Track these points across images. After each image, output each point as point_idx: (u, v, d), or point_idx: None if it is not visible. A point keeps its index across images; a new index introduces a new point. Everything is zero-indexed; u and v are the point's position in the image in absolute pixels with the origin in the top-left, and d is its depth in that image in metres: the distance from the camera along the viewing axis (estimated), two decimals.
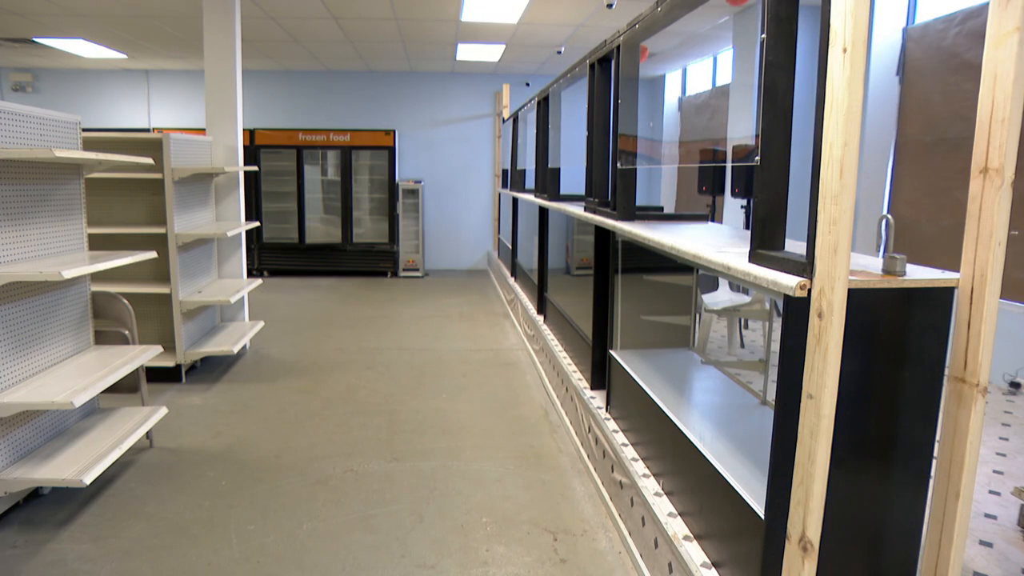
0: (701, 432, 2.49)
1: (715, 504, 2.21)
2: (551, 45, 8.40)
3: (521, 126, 7.73)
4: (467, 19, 7.08)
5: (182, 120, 10.70)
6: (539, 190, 5.86)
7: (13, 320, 3.08)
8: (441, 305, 8.18)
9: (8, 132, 3.01)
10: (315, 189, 10.21)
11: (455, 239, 11.12)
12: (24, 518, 3.12)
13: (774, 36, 1.70)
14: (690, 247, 2.28)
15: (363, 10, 6.86)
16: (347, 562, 2.80)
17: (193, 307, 5.11)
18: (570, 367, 4.33)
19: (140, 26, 7.53)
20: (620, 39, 3.22)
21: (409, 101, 10.82)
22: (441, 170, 10.95)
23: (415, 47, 8.70)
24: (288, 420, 4.35)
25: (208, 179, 5.63)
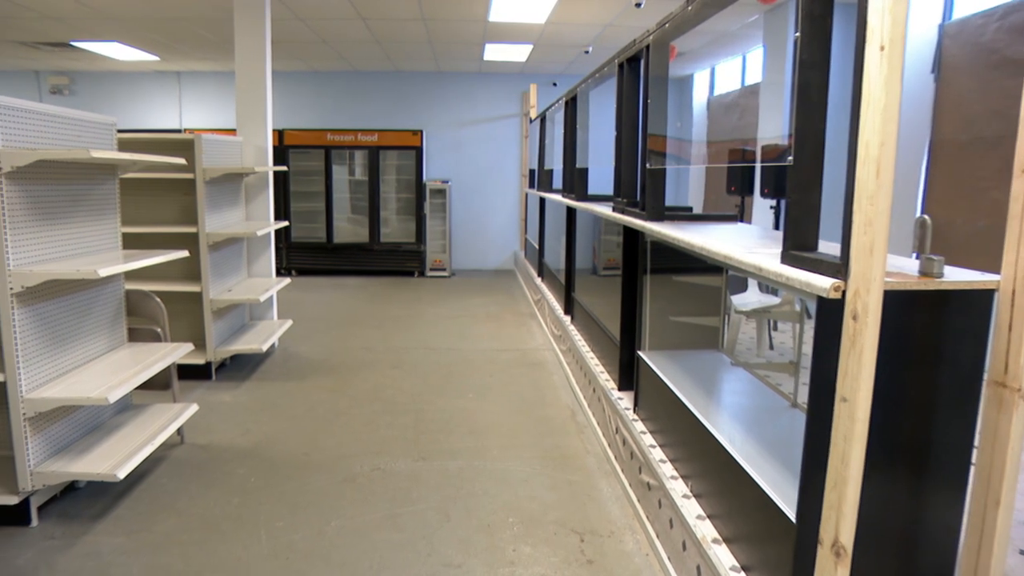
0: (731, 434, 2.46)
1: (745, 507, 2.18)
2: (579, 45, 8.38)
3: (549, 126, 7.72)
4: (495, 19, 7.09)
5: (212, 121, 10.84)
6: (567, 190, 5.84)
7: (50, 317, 3.14)
8: (468, 305, 8.20)
9: (47, 134, 3.06)
10: (343, 189, 10.29)
11: (482, 239, 11.13)
12: (61, 510, 3.18)
13: (808, 34, 1.68)
14: (721, 248, 2.26)
15: (391, 11, 6.89)
16: (374, 560, 2.81)
17: (223, 305, 5.17)
18: (597, 368, 4.31)
19: (172, 28, 7.64)
20: (650, 38, 3.20)
21: (436, 101, 10.86)
22: (468, 170, 10.97)
23: (442, 47, 8.73)
24: (316, 418, 4.39)
25: (238, 179, 5.70)
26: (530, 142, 10.04)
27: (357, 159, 10.21)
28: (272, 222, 5.88)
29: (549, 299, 6.70)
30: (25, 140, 2.92)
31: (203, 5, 6.58)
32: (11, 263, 2.86)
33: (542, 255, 7.94)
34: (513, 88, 10.82)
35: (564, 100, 5.99)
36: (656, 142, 3.22)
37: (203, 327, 5.06)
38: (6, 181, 2.82)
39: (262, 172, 5.87)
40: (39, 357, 3.06)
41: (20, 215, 2.92)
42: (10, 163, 2.80)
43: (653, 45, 3.18)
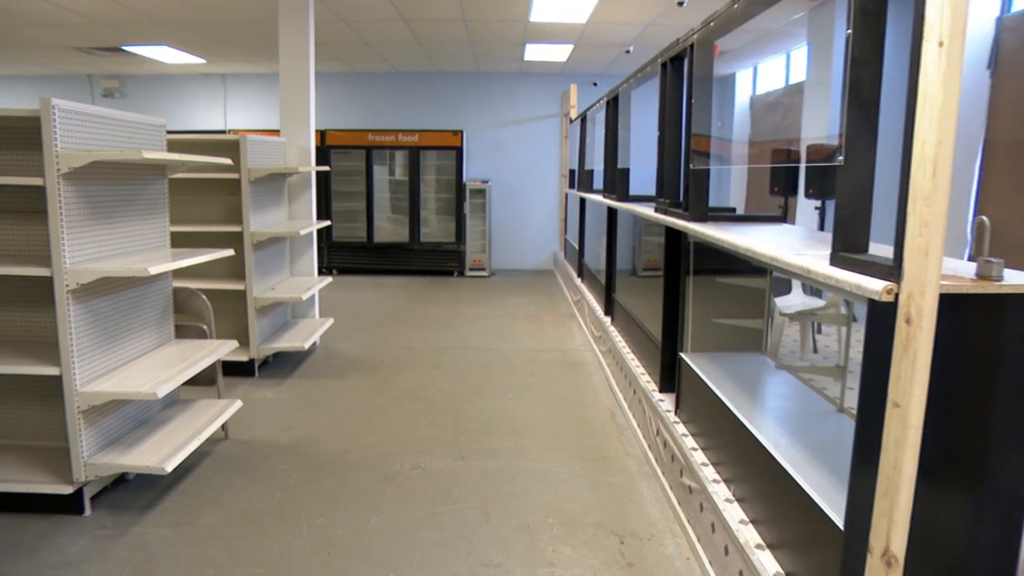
0: (775, 439, 2.42)
1: (789, 513, 2.15)
2: (619, 44, 8.33)
3: (589, 126, 7.69)
4: (535, 19, 7.09)
5: (256, 122, 11.02)
6: (608, 190, 5.81)
7: (103, 314, 3.22)
8: (507, 305, 8.21)
9: (101, 135, 3.14)
10: (383, 189, 10.39)
11: (521, 239, 11.14)
12: (112, 501, 3.26)
13: (861, 31, 1.64)
14: (766, 249, 2.22)
15: (433, 12, 6.93)
16: (414, 558, 2.83)
17: (266, 303, 5.25)
18: (638, 369, 4.28)
19: (218, 31, 7.79)
20: (694, 37, 3.17)
21: (477, 101, 10.89)
22: (508, 170, 10.98)
23: (483, 48, 8.75)
24: (356, 416, 4.44)
25: (282, 179, 5.78)
26: (570, 142, 10.01)
27: (397, 159, 10.29)
28: (314, 222, 5.96)
29: (589, 300, 6.67)
30: (81, 142, 3.00)
31: (248, 8, 6.69)
32: (67, 261, 2.95)
33: (582, 255, 7.91)
34: (553, 88, 10.80)
35: (605, 100, 5.96)
36: (700, 142, 3.18)
37: (247, 325, 5.15)
38: (63, 182, 2.90)
39: (305, 172, 5.95)
40: (92, 352, 3.15)
41: (76, 214, 3.00)
42: (67, 164, 2.88)
43: (697, 44, 3.14)
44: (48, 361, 3.05)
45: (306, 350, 5.76)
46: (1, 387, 3.43)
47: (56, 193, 2.88)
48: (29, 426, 3.48)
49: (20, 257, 3.27)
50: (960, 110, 1.26)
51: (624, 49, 8.53)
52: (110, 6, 6.58)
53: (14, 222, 3.35)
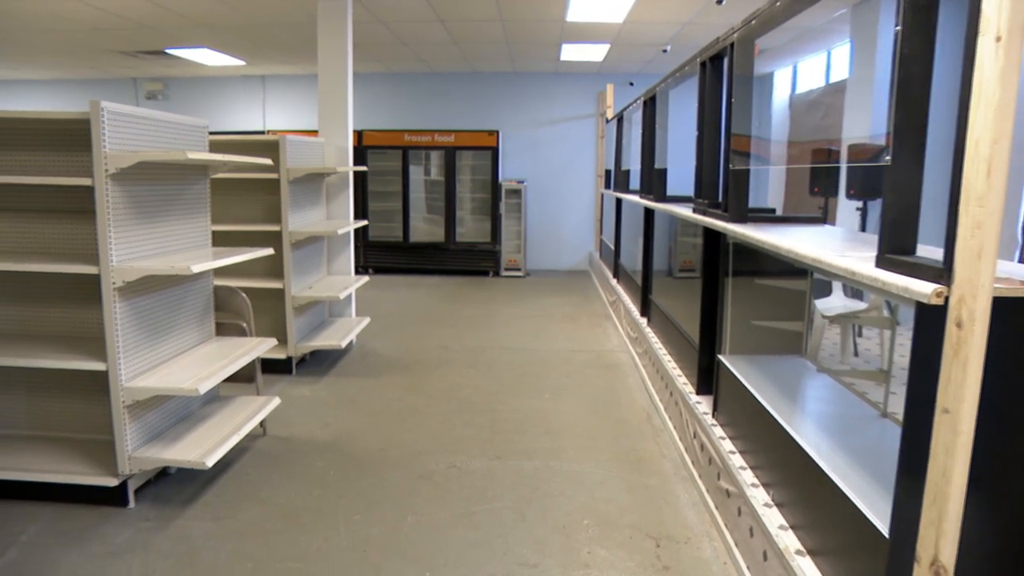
0: (816, 443, 2.38)
1: (831, 519, 2.11)
2: (657, 44, 8.27)
3: (626, 126, 7.64)
4: (572, 19, 7.07)
5: (294, 122, 11.16)
6: (644, 191, 5.77)
7: (146, 311, 3.29)
8: (542, 305, 8.20)
9: (146, 136, 3.21)
10: (419, 189, 10.45)
11: (556, 239, 11.11)
12: (155, 494, 3.33)
13: (911, 27, 1.60)
14: (809, 250, 2.19)
15: (470, 12, 6.95)
16: (450, 557, 2.84)
17: (304, 302, 5.32)
18: (675, 371, 4.25)
19: (258, 34, 7.91)
20: (734, 36, 3.13)
21: (512, 102, 10.89)
22: (543, 170, 10.96)
23: (519, 48, 8.75)
24: (392, 415, 4.47)
25: (320, 179, 5.85)
26: (606, 142, 9.96)
27: (433, 159, 10.35)
28: (351, 221, 6.01)
29: (625, 300, 6.63)
30: (127, 143, 3.07)
31: (288, 10, 6.78)
32: (114, 259, 3.01)
33: (618, 256, 7.87)
34: (589, 88, 10.76)
35: (642, 100, 5.92)
36: (740, 142, 3.14)
37: (284, 323, 5.21)
38: (111, 182, 2.97)
39: (343, 172, 6.01)
40: (137, 348, 3.21)
41: (122, 214, 3.07)
42: (115, 165, 2.95)
43: (738, 43, 3.11)
44: (95, 356, 3.12)
45: (343, 348, 5.81)
46: (50, 381, 3.52)
47: (104, 193, 2.95)
48: (75, 419, 3.57)
49: (68, 255, 3.35)
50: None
51: (661, 49, 8.47)
52: (155, 10, 6.72)
53: (61, 221, 3.44)
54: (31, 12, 6.86)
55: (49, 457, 3.32)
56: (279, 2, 6.46)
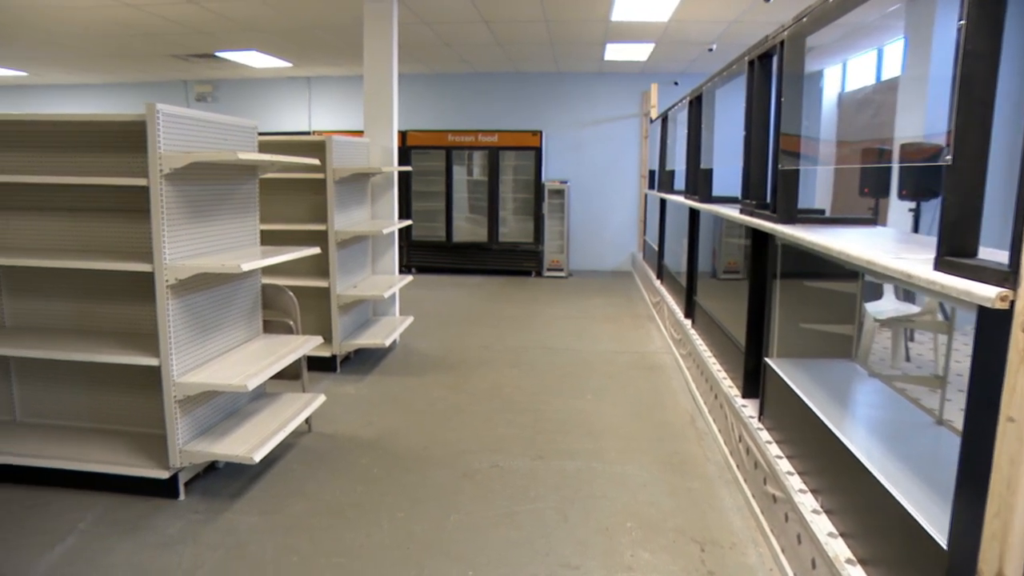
0: (868, 450, 2.32)
1: (885, 528, 2.06)
2: (702, 43, 8.17)
3: (671, 126, 7.57)
4: (617, 18, 7.02)
5: (339, 123, 11.30)
6: (690, 191, 5.71)
7: (197, 308, 3.36)
8: (585, 306, 8.17)
9: (198, 137, 3.28)
10: (462, 189, 10.49)
11: (599, 240, 11.06)
12: (204, 487, 3.40)
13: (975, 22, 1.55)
14: (862, 252, 2.14)
15: (514, 13, 6.96)
16: (492, 556, 2.84)
17: (349, 301, 5.38)
18: (720, 373, 4.19)
19: (305, 36, 8.03)
20: (784, 34, 3.08)
21: (556, 102, 10.87)
22: (586, 171, 10.92)
23: (563, 48, 8.73)
24: (435, 414, 4.49)
25: (365, 179, 5.91)
26: (650, 142, 9.88)
27: (476, 159, 10.38)
28: (396, 221, 6.06)
29: (669, 302, 6.57)
30: (181, 144, 3.14)
31: (335, 13, 6.86)
32: (167, 257, 3.08)
33: (661, 257, 7.80)
34: (633, 88, 10.68)
35: (688, 99, 5.86)
36: (789, 142, 3.09)
37: (330, 321, 5.28)
38: (165, 182, 3.04)
39: (388, 172, 6.07)
40: (188, 345, 3.29)
41: (175, 213, 3.14)
42: (169, 165, 3.02)
43: (788, 40, 3.05)
44: (148, 352, 3.20)
45: (387, 347, 5.86)
46: (107, 376, 3.62)
47: (158, 193, 3.02)
48: (130, 413, 3.66)
49: (123, 253, 3.44)
50: None
51: (707, 47, 8.37)
52: (207, 15, 6.87)
53: (117, 221, 3.54)
54: (89, 19, 7.08)
55: (105, 449, 3.42)
56: (326, 5, 6.55)
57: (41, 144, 3.53)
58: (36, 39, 8.19)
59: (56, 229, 3.60)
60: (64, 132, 3.51)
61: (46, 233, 3.62)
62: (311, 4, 6.54)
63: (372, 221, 6.01)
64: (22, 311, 3.72)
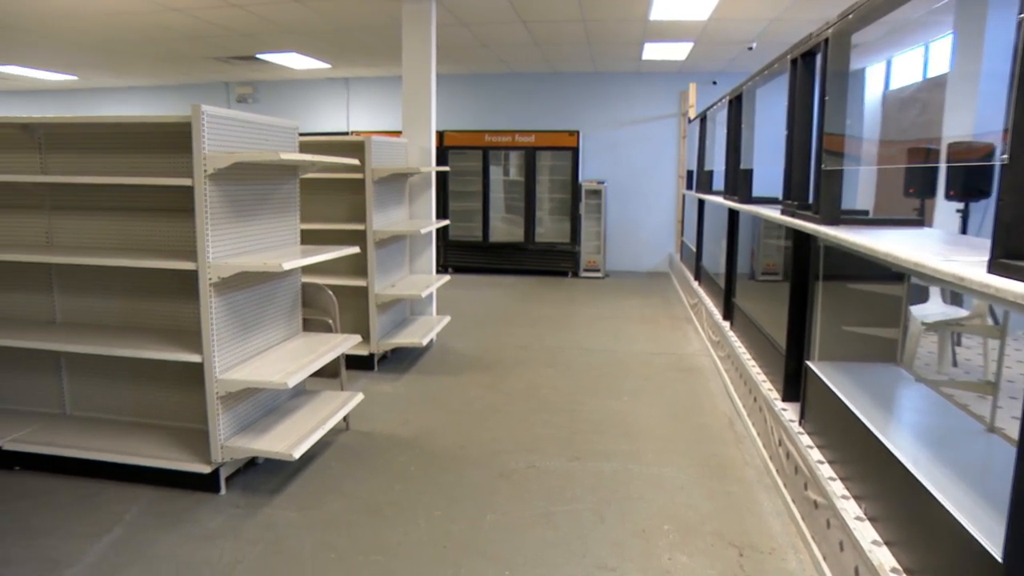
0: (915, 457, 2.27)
1: (933, 538, 2.01)
2: (742, 41, 8.07)
3: (709, 126, 7.49)
4: (655, 17, 6.97)
5: (376, 123, 11.40)
6: (729, 192, 5.64)
7: (239, 306, 3.42)
8: (621, 306, 8.12)
9: (241, 138, 3.33)
10: (499, 189, 10.51)
11: (636, 240, 10.98)
12: (244, 483, 3.45)
13: None
14: (910, 254, 2.09)
15: (551, 13, 6.95)
16: (528, 556, 2.84)
17: (387, 300, 5.42)
18: (759, 376, 4.13)
19: (344, 38, 8.11)
20: (829, 31, 3.02)
21: (593, 102, 10.83)
22: (623, 171, 10.85)
23: (600, 48, 8.70)
24: (472, 413, 4.50)
25: (403, 179, 5.95)
26: (688, 142, 9.79)
27: (513, 159, 10.39)
28: (434, 221, 6.09)
29: (707, 303, 6.50)
30: (224, 145, 3.19)
31: (373, 15, 6.92)
32: (210, 256, 3.14)
33: (699, 258, 7.72)
34: (671, 87, 10.59)
35: (727, 98, 5.79)
36: (833, 141, 3.03)
37: (367, 320, 5.33)
38: (209, 182, 3.10)
39: (426, 172, 6.10)
40: (229, 342, 3.34)
41: (218, 212, 3.20)
42: (213, 165, 3.07)
43: (833, 38, 2.99)
44: (191, 349, 3.26)
45: (424, 346, 5.88)
46: (150, 371, 3.70)
47: (203, 192, 3.08)
48: (171, 408, 3.74)
49: (167, 252, 3.51)
50: None
51: (747, 46, 8.27)
52: (248, 18, 6.98)
53: (161, 220, 3.61)
54: (137, 24, 7.24)
55: (149, 443, 3.49)
56: (365, 7, 6.61)
57: (91, 146, 3.62)
58: (87, 44, 8.40)
59: (105, 228, 3.69)
60: (112, 134, 3.59)
61: (95, 232, 3.71)
62: (350, 6, 6.60)
63: (410, 221, 6.04)
64: (73, 308, 3.82)
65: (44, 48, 8.68)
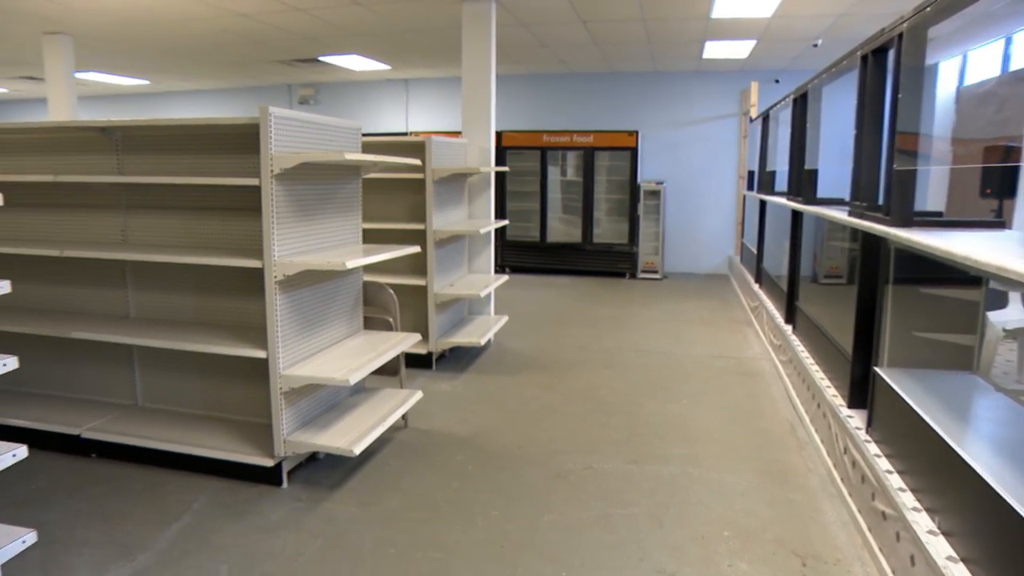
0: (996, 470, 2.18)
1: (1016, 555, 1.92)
2: (807, 38, 7.88)
3: (772, 125, 7.33)
4: (718, 15, 6.86)
5: (434, 123, 11.50)
6: (792, 193, 5.51)
7: (302, 304, 3.49)
8: (680, 309, 8.01)
9: (306, 138, 3.40)
10: (556, 189, 10.48)
11: (694, 242, 10.82)
12: (305, 477, 3.53)
13: None
14: (991, 258, 2.00)
15: (612, 12, 6.90)
16: (585, 558, 2.82)
17: (445, 299, 5.46)
18: (823, 382, 4.03)
19: (404, 39, 8.21)
20: (903, 26, 2.92)
21: (652, 101, 10.71)
22: (682, 171, 10.70)
23: (660, 47, 8.60)
24: (529, 413, 4.50)
25: (462, 179, 5.99)
26: (749, 142, 9.61)
27: (571, 160, 10.35)
28: (492, 221, 6.11)
29: (768, 306, 6.37)
30: (289, 145, 3.26)
31: (434, 17, 6.99)
32: (276, 254, 3.21)
33: (760, 260, 7.56)
34: (731, 86, 10.41)
35: (792, 97, 5.66)
36: (907, 140, 2.93)
37: (426, 319, 5.37)
38: (275, 182, 3.17)
39: (485, 172, 6.13)
40: (293, 339, 3.41)
41: (284, 212, 3.27)
42: (280, 166, 3.14)
43: (907, 33, 2.90)
44: (257, 345, 3.35)
45: (481, 346, 5.91)
46: (217, 365, 3.81)
47: (269, 192, 3.15)
48: (236, 402, 3.84)
49: (232, 250, 3.61)
50: None
51: (812, 43, 8.06)
52: (311, 21, 7.13)
53: (228, 219, 3.71)
54: (205, 29, 7.47)
55: (215, 435, 3.59)
56: (426, 9, 6.68)
57: (163, 147, 3.75)
58: (159, 50, 8.72)
59: (175, 227, 3.82)
60: (182, 135, 3.71)
61: (166, 231, 3.84)
62: (412, 8, 6.68)
63: (469, 221, 6.08)
64: (145, 303, 3.96)
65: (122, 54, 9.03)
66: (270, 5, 6.51)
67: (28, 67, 9.71)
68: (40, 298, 4.16)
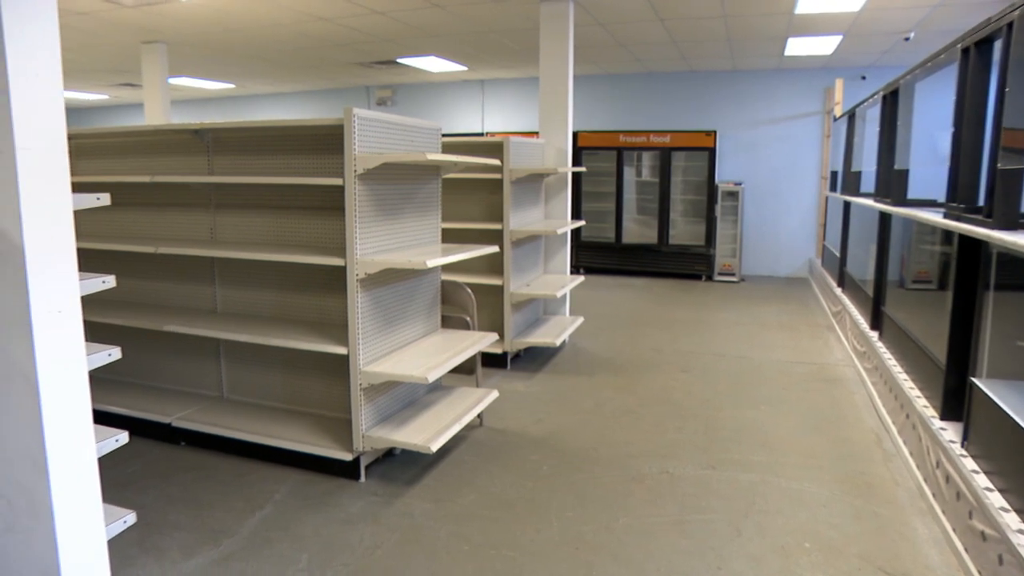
0: None
1: None
2: (897, 31, 7.55)
3: (858, 124, 7.07)
4: (802, 11, 6.65)
5: (510, 124, 11.54)
6: (880, 194, 5.30)
7: (382, 302, 3.55)
8: (758, 312, 7.82)
9: (387, 139, 3.46)
10: (631, 190, 10.38)
11: (773, 244, 10.53)
12: (381, 472, 3.59)
13: None
14: None
15: (691, 10, 6.78)
16: (661, 563, 2.78)
17: (521, 299, 5.47)
18: (912, 391, 3.86)
19: (481, 40, 8.26)
20: (1015, 13, 2.76)
21: (730, 100, 10.48)
22: (761, 172, 10.43)
23: (740, 44, 8.40)
24: (604, 415, 4.47)
25: (539, 179, 5.99)
26: (833, 142, 9.29)
27: (647, 160, 10.22)
28: (569, 221, 6.09)
29: (851, 311, 6.14)
30: (372, 146, 3.32)
31: (511, 18, 7.01)
32: (358, 253, 3.28)
33: (844, 264, 7.30)
34: (814, 84, 10.08)
35: (882, 94, 5.44)
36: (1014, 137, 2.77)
37: (502, 318, 5.40)
38: (358, 182, 3.24)
39: (562, 173, 6.11)
40: (373, 336, 3.48)
41: (366, 211, 3.34)
42: (363, 166, 3.21)
43: (1018, 21, 2.74)
44: (338, 341, 3.42)
45: (557, 346, 5.90)
46: (299, 360, 3.92)
47: (352, 192, 3.22)
48: (317, 396, 3.94)
49: (315, 248, 3.70)
50: None
51: (903, 36, 7.72)
52: (391, 24, 7.25)
53: (311, 218, 3.81)
54: (288, 34, 7.70)
55: (297, 429, 3.69)
56: (503, 9, 6.71)
57: (249, 148, 3.88)
58: (245, 55, 9.03)
59: (260, 225, 3.94)
60: (267, 136, 3.83)
61: (252, 229, 3.97)
62: (490, 9, 6.72)
63: (546, 221, 6.08)
64: (231, 299, 4.11)
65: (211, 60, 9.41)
66: (350, 9, 6.66)
67: (127, 74, 10.25)
68: (135, 292, 4.37)
